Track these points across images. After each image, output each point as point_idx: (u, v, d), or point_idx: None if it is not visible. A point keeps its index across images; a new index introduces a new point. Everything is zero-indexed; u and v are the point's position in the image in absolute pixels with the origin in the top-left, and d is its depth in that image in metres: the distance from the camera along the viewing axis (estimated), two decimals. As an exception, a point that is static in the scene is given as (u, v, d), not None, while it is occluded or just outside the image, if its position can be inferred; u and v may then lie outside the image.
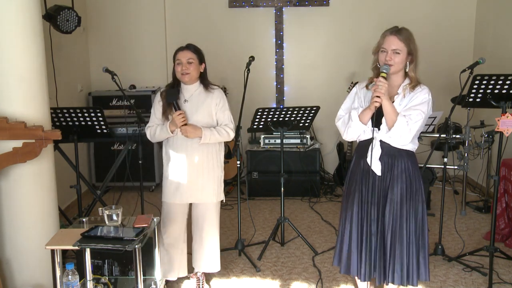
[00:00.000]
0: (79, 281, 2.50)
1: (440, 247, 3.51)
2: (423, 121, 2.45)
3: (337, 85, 5.47)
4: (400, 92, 2.49)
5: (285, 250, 3.79)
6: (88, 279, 2.68)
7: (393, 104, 2.44)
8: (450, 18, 5.46)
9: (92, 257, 2.90)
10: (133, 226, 2.51)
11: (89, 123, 3.39)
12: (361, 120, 2.49)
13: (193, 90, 2.98)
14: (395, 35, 2.43)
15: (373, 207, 2.53)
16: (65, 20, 3.94)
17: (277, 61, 5.55)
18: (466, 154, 3.93)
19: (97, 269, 3.04)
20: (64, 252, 3.43)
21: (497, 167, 3.22)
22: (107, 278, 2.87)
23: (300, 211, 4.69)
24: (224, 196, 3.11)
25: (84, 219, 2.76)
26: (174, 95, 2.88)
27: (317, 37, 5.58)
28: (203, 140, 2.87)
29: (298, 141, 5.10)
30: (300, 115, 3.69)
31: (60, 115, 3.35)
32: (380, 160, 2.51)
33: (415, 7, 5.43)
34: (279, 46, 5.51)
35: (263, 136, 5.11)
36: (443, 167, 3.65)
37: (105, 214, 2.51)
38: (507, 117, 2.90)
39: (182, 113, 2.84)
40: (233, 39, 5.55)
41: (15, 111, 2.68)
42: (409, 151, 2.55)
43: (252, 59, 3.58)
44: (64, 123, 3.38)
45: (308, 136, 5.11)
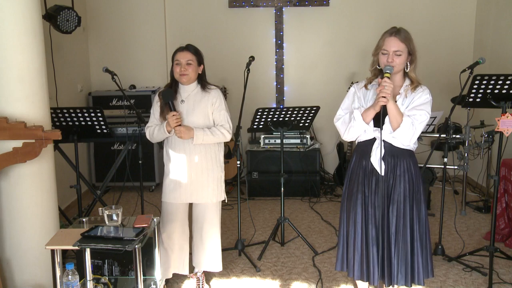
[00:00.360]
0: (79, 281, 2.50)
1: (440, 247, 3.52)
2: (427, 122, 2.46)
3: (337, 85, 5.48)
4: (402, 92, 2.49)
5: (285, 250, 3.79)
6: (88, 279, 2.68)
7: (397, 104, 2.45)
8: (450, 17, 5.46)
9: (92, 257, 2.90)
10: (133, 226, 2.52)
11: (89, 123, 3.39)
12: (364, 119, 2.49)
13: (191, 90, 2.98)
14: (395, 36, 2.43)
15: (377, 208, 2.52)
16: (65, 20, 3.94)
17: (277, 61, 5.55)
18: (466, 154, 3.93)
19: (97, 269, 3.04)
20: (64, 252, 3.43)
21: (497, 167, 3.22)
22: (107, 278, 2.87)
23: (300, 211, 4.69)
24: (225, 196, 3.11)
25: (84, 219, 2.76)
26: (169, 96, 2.88)
27: (317, 37, 5.58)
28: (195, 141, 2.87)
29: (298, 141, 5.11)
30: (300, 115, 3.69)
31: (60, 115, 3.35)
32: (383, 160, 2.50)
33: (415, 7, 5.44)
34: (279, 46, 5.51)
35: (263, 136, 5.11)
36: (443, 167, 3.65)
37: (105, 214, 2.51)
38: (507, 117, 2.90)
39: (176, 114, 2.83)
40: (233, 39, 5.55)
41: (15, 111, 2.68)
42: (410, 151, 2.55)
43: (252, 59, 3.58)
44: (64, 123, 3.38)
45: (308, 136, 5.11)
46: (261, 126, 3.73)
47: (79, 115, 3.35)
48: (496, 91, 3.11)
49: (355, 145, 2.68)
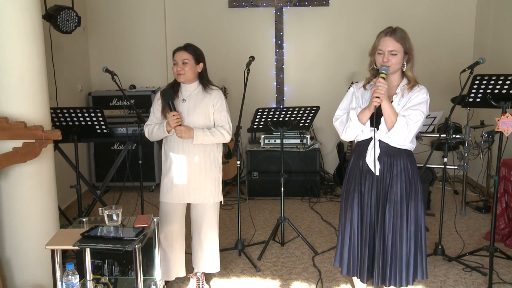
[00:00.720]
0: (79, 281, 2.49)
1: (440, 247, 3.51)
2: (422, 121, 2.45)
3: (337, 85, 5.48)
4: (398, 92, 2.49)
5: (285, 250, 3.79)
6: (88, 279, 2.68)
7: (392, 104, 2.45)
8: (450, 18, 5.46)
9: (92, 257, 2.90)
10: (133, 226, 2.51)
11: (89, 123, 3.39)
12: (360, 120, 2.49)
13: (192, 90, 2.98)
14: (390, 36, 2.43)
15: (372, 208, 2.52)
16: (65, 20, 3.94)
17: (277, 61, 5.55)
18: (466, 154, 3.93)
19: (97, 269, 3.04)
20: (64, 252, 3.43)
21: (497, 167, 3.22)
22: (107, 278, 2.87)
23: (300, 211, 4.69)
24: (222, 197, 3.11)
25: (84, 219, 2.76)
26: (170, 95, 2.88)
27: (317, 37, 5.58)
28: (195, 140, 2.87)
29: (298, 141, 5.11)
30: (300, 115, 3.69)
31: (60, 115, 3.35)
32: (379, 160, 2.50)
33: (415, 7, 5.44)
34: (279, 46, 5.51)
35: (263, 136, 5.11)
36: (443, 167, 3.64)
37: (105, 214, 2.51)
38: (507, 117, 2.90)
39: (176, 114, 2.83)
40: (233, 39, 5.55)
41: (15, 111, 2.68)
42: (407, 150, 2.55)
43: (252, 59, 3.58)
44: (64, 123, 3.38)
45: (308, 136, 5.11)
46: (261, 126, 3.73)
47: (79, 115, 3.35)
48: (496, 91, 3.11)
49: (355, 145, 2.69)
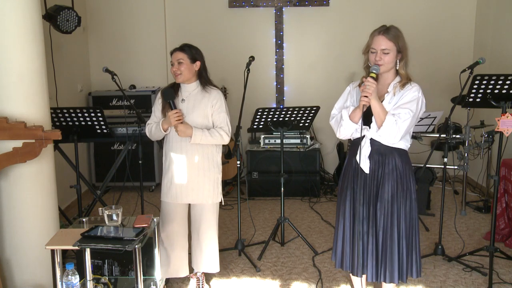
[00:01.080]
0: (79, 281, 2.49)
1: (440, 247, 3.51)
2: (412, 120, 2.43)
3: (337, 85, 5.44)
4: (390, 90, 2.49)
5: (285, 250, 3.79)
6: (88, 279, 2.68)
7: (381, 103, 2.44)
8: (450, 18, 5.46)
9: (92, 257, 2.90)
10: (133, 226, 2.51)
11: (89, 123, 3.39)
12: (352, 119, 2.51)
13: (191, 89, 2.98)
14: (383, 34, 2.44)
15: (364, 205, 2.55)
16: (65, 20, 3.94)
17: (277, 61, 5.55)
18: (466, 154, 3.93)
19: (97, 269, 3.04)
20: (64, 252, 3.43)
21: (497, 167, 3.22)
22: (107, 278, 2.87)
23: (300, 211, 4.69)
24: (222, 198, 3.10)
25: (84, 219, 2.76)
26: (170, 94, 2.89)
27: (317, 37, 5.58)
28: (193, 139, 2.87)
29: (298, 141, 5.11)
30: (300, 115, 3.69)
31: (60, 115, 3.35)
32: (370, 158, 2.52)
33: (415, 7, 5.43)
34: (279, 46, 5.51)
35: (263, 136, 5.11)
36: (443, 167, 3.65)
37: (105, 214, 2.51)
38: (507, 117, 2.90)
39: (177, 112, 2.84)
40: (233, 39, 5.55)
41: (15, 111, 2.68)
42: (400, 149, 2.53)
43: (252, 59, 3.58)
44: (64, 123, 3.38)
45: (308, 136, 5.11)
46: (261, 126, 3.73)
47: (79, 115, 3.35)
48: (496, 91, 3.11)
49: (350, 143, 2.70)
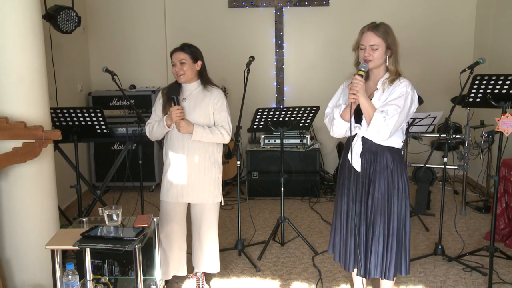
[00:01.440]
0: (79, 281, 2.50)
1: (440, 247, 3.51)
2: (401, 116, 2.39)
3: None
4: (379, 87, 2.48)
5: (285, 250, 3.79)
6: (88, 279, 2.68)
7: (370, 100, 2.44)
8: (450, 18, 5.46)
9: (92, 257, 2.90)
10: (133, 226, 2.51)
11: (89, 123, 3.39)
12: (343, 117, 2.51)
13: (193, 89, 2.99)
14: (371, 31, 2.45)
15: (357, 202, 2.56)
16: (65, 20, 3.94)
17: (277, 61, 5.55)
18: (466, 154, 3.93)
19: (97, 269, 3.04)
20: (64, 252, 3.43)
21: (497, 167, 3.22)
22: (107, 278, 2.87)
23: (300, 211, 4.69)
24: (222, 198, 3.10)
25: (84, 219, 2.76)
26: (174, 91, 2.92)
27: (317, 37, 5.58)
28: (194, 136, 2.87)
29: (298, 141, 5.11)
30: (300, 115, 3.69)
31: (60, 115, 3.35)
32: (362, 156, 2.52)
33: (415, 7, 5.43)
34: (279, 46, 5.51)
35: (263, 136, 5.11)
36: (443, 167, 3.65)
37: (105, 214, 2.51)
38: (507, 117, 2.90)
39: (180, 108, 2.86)
40: (233, 39, 5.55)
41: (15, 111, 2.68)
42: (392, 147, 2.52)
43: (252, 59, 3.58)
44: (64, 123, 3.38)
45: (308, 136, 5.11)
46: (261, 126, 3.73)
47: (79, 115, 3.35)
48: (496, 91, 3.11)
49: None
